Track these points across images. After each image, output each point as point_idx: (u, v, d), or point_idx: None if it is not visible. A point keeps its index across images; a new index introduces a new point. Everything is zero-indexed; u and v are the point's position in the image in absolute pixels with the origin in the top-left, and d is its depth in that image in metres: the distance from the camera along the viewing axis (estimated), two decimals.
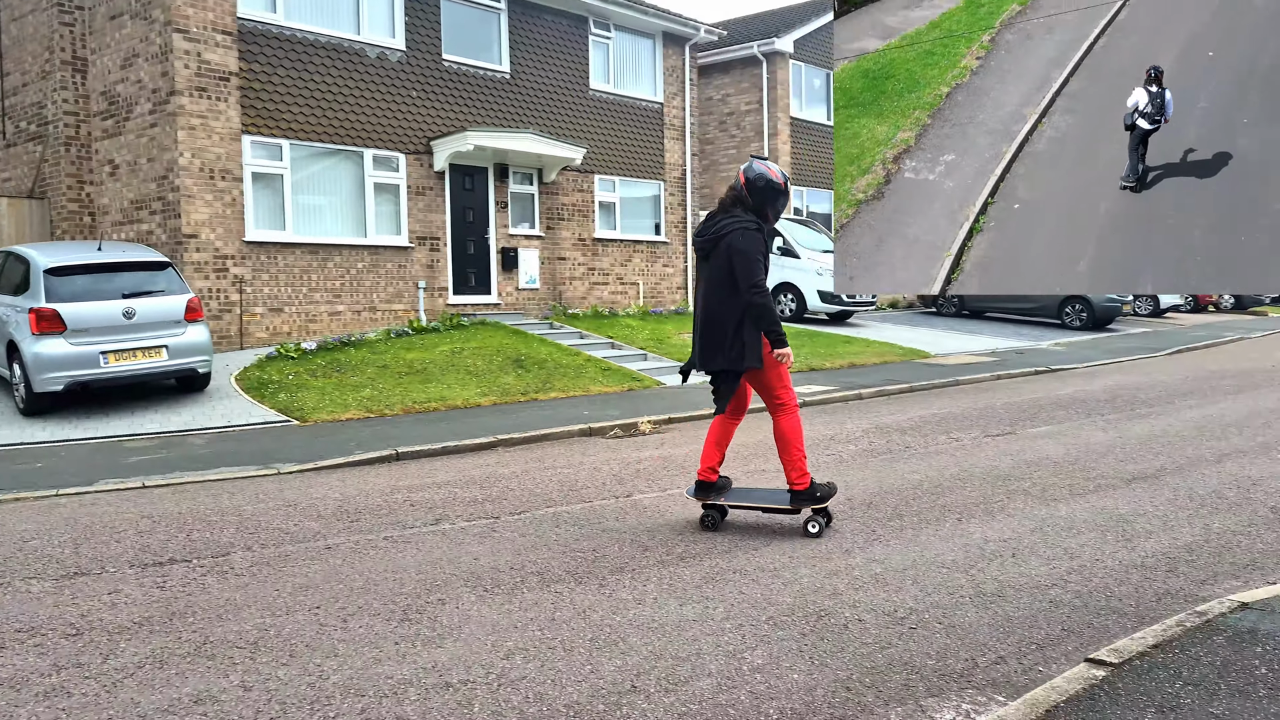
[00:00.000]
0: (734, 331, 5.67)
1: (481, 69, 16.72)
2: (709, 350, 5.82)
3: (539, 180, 17.76)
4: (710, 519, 6.14)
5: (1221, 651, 3.76)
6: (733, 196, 5.83)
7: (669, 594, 4.88)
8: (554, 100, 17.93)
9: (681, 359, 14.82)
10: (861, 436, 9.44)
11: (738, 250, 5.61)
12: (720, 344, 5.72)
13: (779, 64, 23.01)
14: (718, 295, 5.73)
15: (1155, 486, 7.08)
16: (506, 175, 17.19)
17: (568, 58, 18.13)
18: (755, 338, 5.65)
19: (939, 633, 4.32)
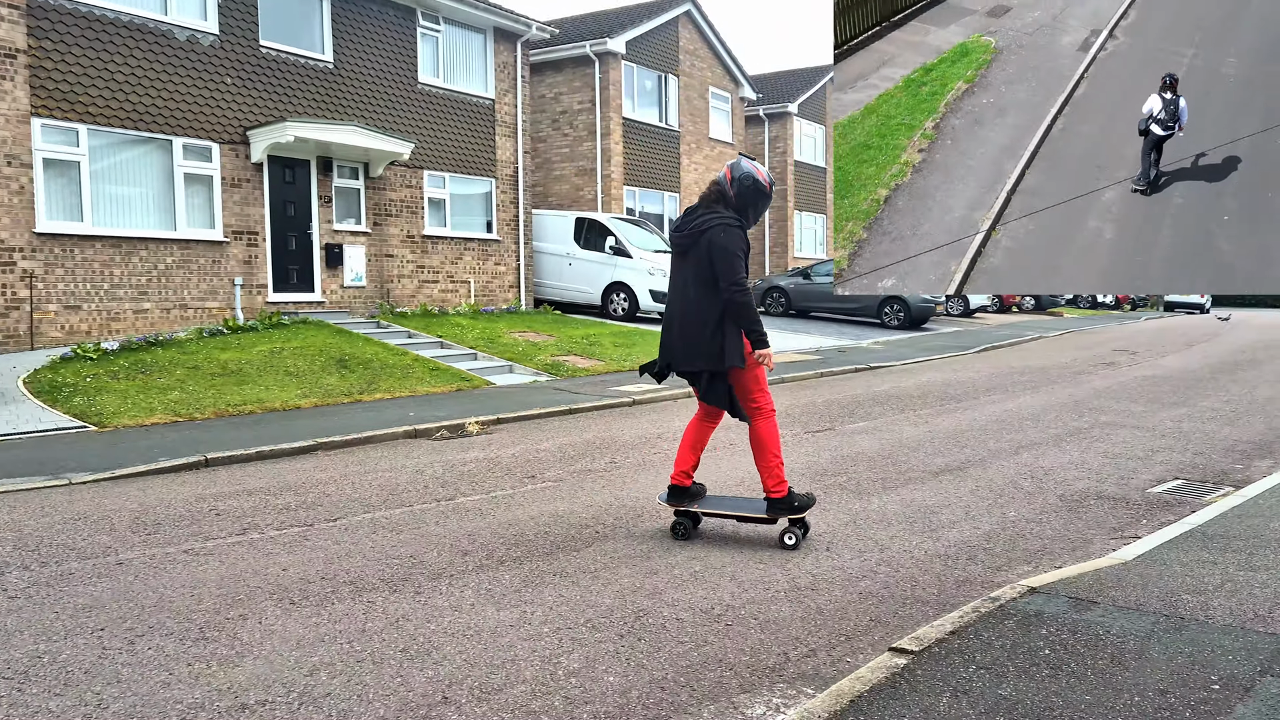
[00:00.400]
0: (714, 330, 5.44)
1: (303, 57, 16.04)
2: (687, 350, 5.60)
3: (365, 175, 17.20)
4: (681, 527, 5.86)
5: (1011, 635, 3.95)
6: (716, 192, 5.63)
7: (487, 599, 4.77)
8: (381, 93, 17.40)
9: (512, 358, 14.67)
10: None
11: (719, 246, 5.40)
12: (699, 343, 5.51)
13: (611, 64, 23.12)
14: (697, 293, 5.52)
15: (960, 478, 7.45)
16: (330, 169, 16.55)
17: (395, 49, 17.64)
18: (736, 337, 5.44)
19: (754, 628, 4.38)
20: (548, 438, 9.52)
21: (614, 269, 20.43)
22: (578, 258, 20.96)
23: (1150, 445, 8.82)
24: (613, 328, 18.63)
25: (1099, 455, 8.37)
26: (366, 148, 16.28)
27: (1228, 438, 9.23)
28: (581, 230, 20.98)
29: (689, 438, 5.90)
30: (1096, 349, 19.81)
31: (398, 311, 17.40)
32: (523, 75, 20.39)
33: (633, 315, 20.32)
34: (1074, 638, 3.90)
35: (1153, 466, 7.91)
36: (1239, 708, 3.25)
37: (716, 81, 27.46)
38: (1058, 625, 4.05)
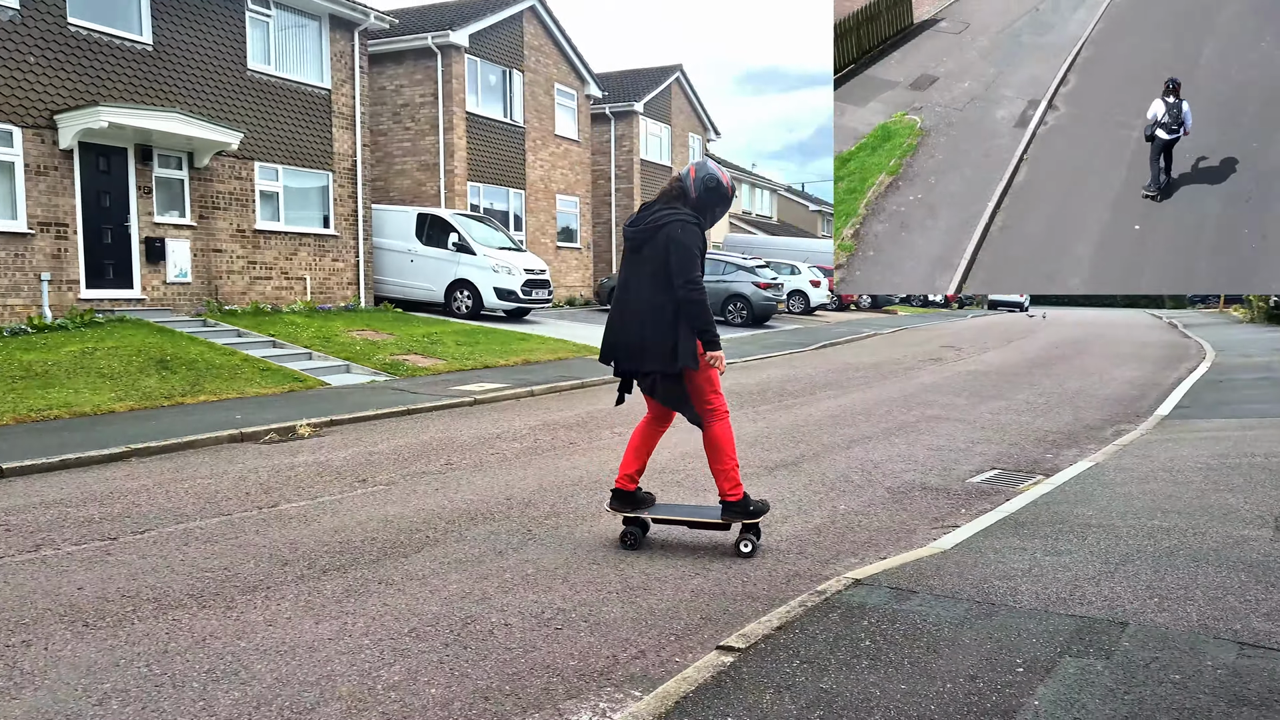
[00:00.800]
0: (668, 330, 5.23)
1: (118, 38, 15.02)
2: (637, 350, 5.39)
3: (190, 165, 16.28)
4: (631, 536, 5.59)
5: (834, 628, 4.01)
6: (677, 189, 5.41)
7: (305, 612, 4.52)
8: (206, 79, 16.49)
9: (350, 358, 14.17)
10: (528, 434, 9.42)
11: (677, 242, 5.18)
12: (652, 343, 5.30)
13: (454, 57, 22.68)
14: (651, 291, 5.27)
15: (794, 473, 7.60)
16: (151, 158, 15.57)
17: (222, 33, 16.75)
18: (690, 337, 5.21)
19: (584, 631, 4.30)
20: (383, 439, 9.21)
21: (457, 266, 20.05)
22: (420, 254, 20.47)
23: (971, 437, 9.24)
24: (456, 326, 18.28)
25: (924, 448, 8.70)
26: (190, 136, 15.40)
27: (1040, 429, 9.78)
28: (424, 226, 20.51)
29: (635, 440, 5.64)
30: (926, 345, 20.73)
31: (227, 310, 16.55)
32: (361, 66, 19.74)
33: (477, 313, 20.01)
34: (893, 627, 3.99)
35: (973, 457, 8.28)
36: (1040, 688, 3.38)
37: (562, 78, 27.35)
38: (879, 616, 4.14)
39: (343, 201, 19.53)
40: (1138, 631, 3.86)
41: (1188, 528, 5.50)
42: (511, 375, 13.72)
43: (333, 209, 19.36)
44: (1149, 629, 3.89)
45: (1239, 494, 6.28)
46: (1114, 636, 3.82)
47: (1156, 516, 5.80)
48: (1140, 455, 7.90)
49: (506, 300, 19.96)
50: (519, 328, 19.24)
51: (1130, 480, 6.89)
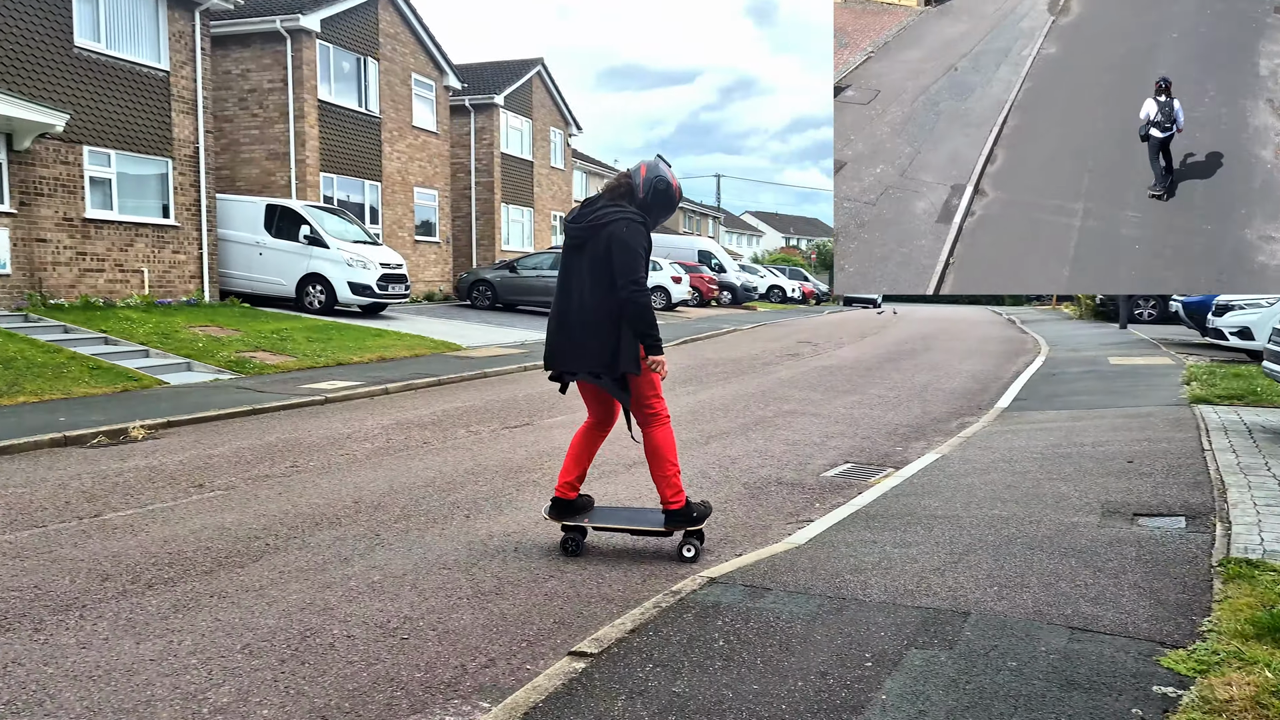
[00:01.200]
0: (609, 332, 5.02)
1: None
2: (578, 351, 5.13)
3: (8, 148, 15.09)
4: (571, 543, 5.39)
5: (689, 629, 3.96)
6: (625, 186, 5.19)
7: (126, 631, 4.19)
8: (26, 55, 15.32)
9: (192, 355, 13.44)
10: (380, 433, 9.10)
11: (620, 241, 4.97)
12: (592, 345, 5.07)
13: (305, 42, 21.80)
14: (593, 290, 5.05)
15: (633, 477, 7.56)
16: None
17: (44, 6, 15.59)
18: (632, 340, 5.02)
19: (432, 640, 4.13)
20: (224, 441, 8.73)
21: (309, 260, 19.31)
22: (269, 247, 19.61)
23: (826, 431, 9.43)
24: (308, 321, 17.59)
25: (781, 443, 8.82)
26: (8, 116, 14.27)
27: (890, 422, 10.07)
28: (273, 218, 19.66)
29: (575, 447, 5.46)
30: (784, 340, 21.17)
31: (52, 304, 15.45)
32: (203, 47, 18.74)
33: (330, 309, 19.32)
34: (747, 626, 3.98)
35: (827, 452, 8.44)
36: (887, 682, 3.41)
37: (420, 68, 26.71)
38: (733, 615, 4.11)
39: (184, 190, 18.51)
40: (979, 621, 3.96)
41: (1024, 516, 5.72)
42: (365, 373, 13.27)
43: (173, 198, 18.32)
44: (989, 618, 3.99)
45: (1069, 482, 6.58)
46: (957, 627, 3.90)
47: (996, 506, 6.01)
48: (982, 447, 8.21)
49: (362, 295, 19.35)
50: (375, 323, 18.68)
51: (973, 471, 7.14)
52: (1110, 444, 7.88)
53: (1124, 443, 7.88)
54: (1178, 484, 6.32)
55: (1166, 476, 6.56)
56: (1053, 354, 17.12)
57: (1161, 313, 23.56)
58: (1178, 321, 19.55)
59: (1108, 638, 3.73)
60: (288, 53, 21.73)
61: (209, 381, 12.40)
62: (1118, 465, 7.00)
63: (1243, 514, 5.53)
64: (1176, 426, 8.49)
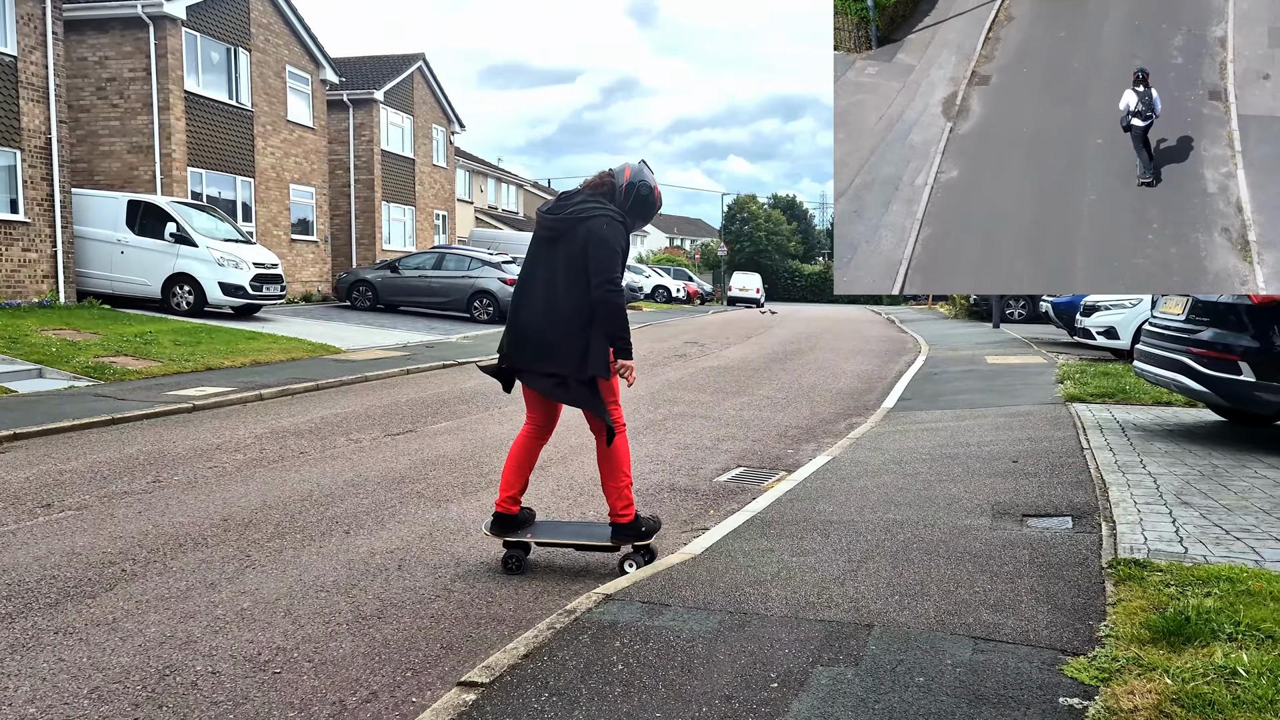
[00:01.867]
0: (580, 332, 4.75)
1: None
2: (544, 350, 4.82)
3: None
4: (514, 560, 5.10)
5: (585, 652, 3.76)
6: (607, 184, 4.96)
7: None
8: None
9: (43, 360, 12.54)
10: (253, 443, 8.60)
11: (599, 238, 4.72)
12: (561, 345, 4.79)
13: (170, 30, 20.70)
14: (566, 287, 4.77)
15: (540, 478, 7.31)
16: None
17: None
18: (603, 342, 4.78)
19: (307, 673, 3.81)
20: (78, 455, 8.10)
21: (176, 259, 18.34)
22: (132, 245, 18.54)
23: (717, 434, 9.35)
24: (175, 324, 16.68)
25: (672, 446, 8.70)
26: None
27: (781, 423, 10.07)
28: (136, 214, 18.59)
29: (515, 457, 5.16)
30: (671, 341, 21.16)
31: None
32: (54, 31, 17.56)
33: (200, 310, 18.39)
34: (646, 647, 3.79)
35: (719, 455, 8.35)
36: (794, 703, 3.27)
37: (295, 60, 25.74)
38: (631, 634, 3.92)
39: (35, 184, 17.32)
40: (882, 634, 3.87)
41: (919, 520, 5.71)
42: (238, 378, 12.61)
43: (22, 192, 17.12)
44: (892, 630, 3.91)
45: (959, 483, 6.63)
46: (861, 640, 3.80)
47: (891, 509, 5.99)
48: (872, 448, 8.25)
49: (234, 296, 18.47)
50: (249, 325, 17.84)
51: (865, 473, 7.14)
52: (995, 444, 8.01)
53: (1008, 442, 8.03)
54: (1061, 484, 6.44)
55: (1050, 476, 6.68)
56: (933, 353, 17.56)
57: (1031, 312, 24.50)
58: (1047, 321, 20.32)
59: (1010, 647, 3.69)
60: (150, 40, 20.59)
61: (63, 389, 11.57)
62: (1003, 465, 7.11)
63: (1125, 513, 5.64)
64: (1055, 425, 8.71)
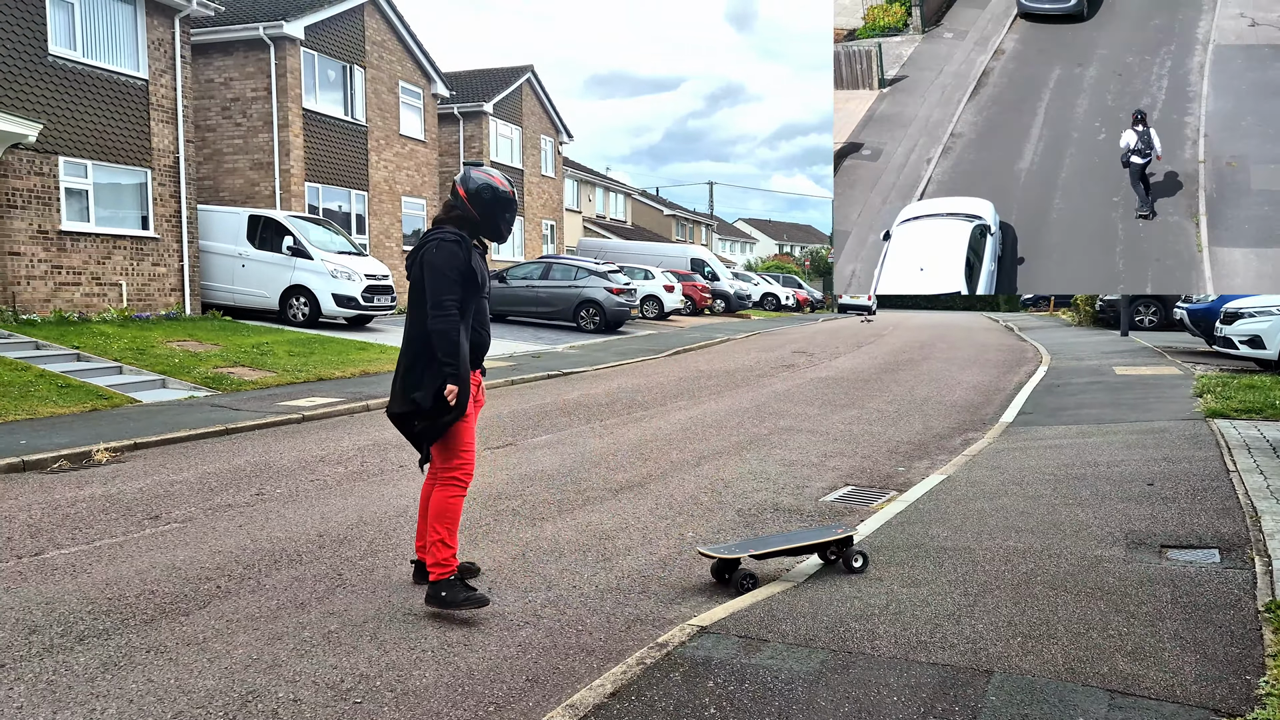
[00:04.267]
0: (424, 366, 4.59)
1: None
2: (395, 387, 4.72)
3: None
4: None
5: (676, 691, 3.51)
6: (446, 209, 4.78)
7: (45, 696, 3.72)
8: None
9: (166, 371, 12.99)
10: (355, 455, 8.64)
11: (429, 265, 4.57)
12: (406, 380, 4.64)
13: (289, 50, 21.36)
14: (414, 322, 4.66)
15: (640, 496, 7.11)
16: None
17: (16, 13, 15.13)
18: (437, 375, 4.54)
19: (388, 704, 3.67)
20: (191, 465, 8.26)
21: (293, 271, 18.84)
22: (252, 259, 19.13)
23: (824, 450, 8.98)
24: (290, 335, 17.12)
25: (777, 463, 8.37)
26: None
27: (891, 439, 9.62)
28: (256, 229, 19.18)
29: (424, 502, 4.89)
30: (778, 350, 20.73)
31: (25, 319, 14.97)
32: (183, 55, 18.29)
33: (314, 321, 18.85)
34: (741, 689, 3.53)
35: (826, 473, 7.99)
36: None
37: (407, 76, 26.29)
38: (726, 673, 3.66)
39: (164, 201, 18.04)
40: (1003, 682, 3.51)
41: (1043, 549, 5.28)
42: (347, 388, 12.81)
43: (152, 209, 17.85)
44: (1015, 678, 3.54)
45: (1088, 508, 6.14)
46: (979, 689, 3.45)
47: (1011, 536, 5.57)
48: (990, 467, 7.77)
49: (346, 307, 18.87)
50: (359, 336, 18.21)
51: (982, 495, 6.70)
52: (1126, 463, 7.44)
53: (1141, 462, 7.45)
54: (1205, 510, 5.88)
55: (1192, 501, 6.12)
56: (1055, 363, 16.70)
57: (1163, 319, 23.17)
58: (1181, 328, 19.15)
59: (1153, 704, 3.29)
60: (271, 61, 21.28)
61: (183, 399, 11.93)
62: (1137, 488, 6.56)
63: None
64: (1195, 444, 8.05)
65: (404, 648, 4.23)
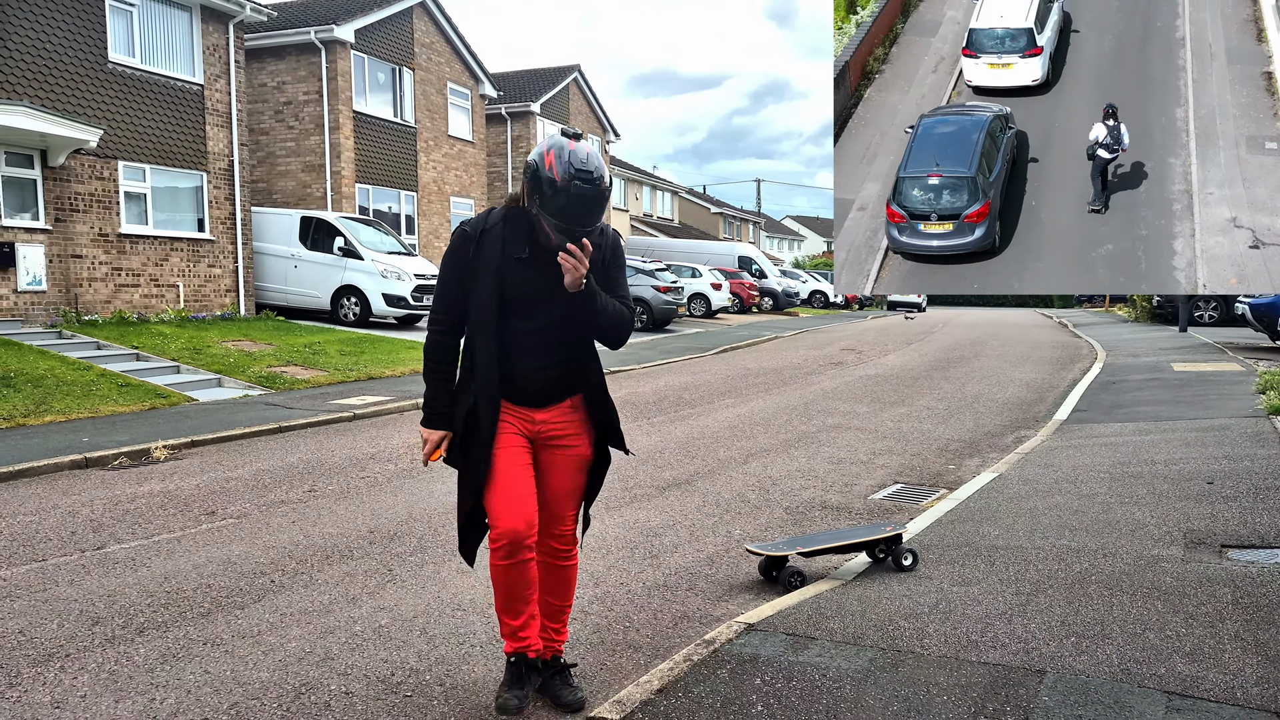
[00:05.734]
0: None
1: None
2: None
3: (43, 163, 15.02)
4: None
5: (723, 688, 3.51)
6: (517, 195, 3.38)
7: (108, 686, 3.82)
8: (60, 70, 15.26)
9: (222, 370, 13.24)
10: (405, 453, 8.74)
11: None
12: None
13: (339, 53, 21.67)
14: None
15: (687, 493, 7.11)
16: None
17: (78, 22, 15.53)
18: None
19: (438, 698, 3.71)
20: (245, 462, 8.42)
21: (344, 271, 19.11)
22: (304, 259, 19.44)
23: (872, 448, 8.90)
24: (342, 334, 17.37)
25: (825, 461, 8.32)
26: (42, 133, 14.18)
27: (941, 437, 9.51)
28: (308, 230, 19.49)
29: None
30: (827, 348, 20.59)
31: (87, 320, 15.35)
32: (237, 60, 18.64)
33: (365, 321, 19.10)
34: (789, 686, 3.51)
35: (875, 471, 7.92)
36: None
37: (455, 77, 26.52)
38: (773, 671, 3.65)
39: (219, 204, 18.41)
40: (1056, 682, 3.45)
41: (1097, 548, 5.18)
42: (396, 387, 12.96)
43: (208, 211, 18.22)
44: (1068, 678, 3.48)
45: (1145, 507, 6.02)
46: (1031, 689, 3.40)
47: (1065, 535, 5.48)
48: (1043, 465, 7.65)
49: (396, 307, 19.09)
50: (409, 335, 18.42)
51: (1035, 493, 6.59)
52: (1185, 462, 7.28)
53: (1201, 460, 7.28)
54: (1268, 509, 5.74)
55: (1254, 500, 5.97)
56: (1110, 360, 16.38)
57: (1224, 314, 22.62)
58: (1243, 324, 18.68)
59: (1213, 706, 3.22)
60: (322, 64, 21.61)
61: (238, 398, 12.16)
62: (1197, 487, 6.42)
63: None
64: (1257, 442, 7.85)
65: (453, 643, 4.27)
